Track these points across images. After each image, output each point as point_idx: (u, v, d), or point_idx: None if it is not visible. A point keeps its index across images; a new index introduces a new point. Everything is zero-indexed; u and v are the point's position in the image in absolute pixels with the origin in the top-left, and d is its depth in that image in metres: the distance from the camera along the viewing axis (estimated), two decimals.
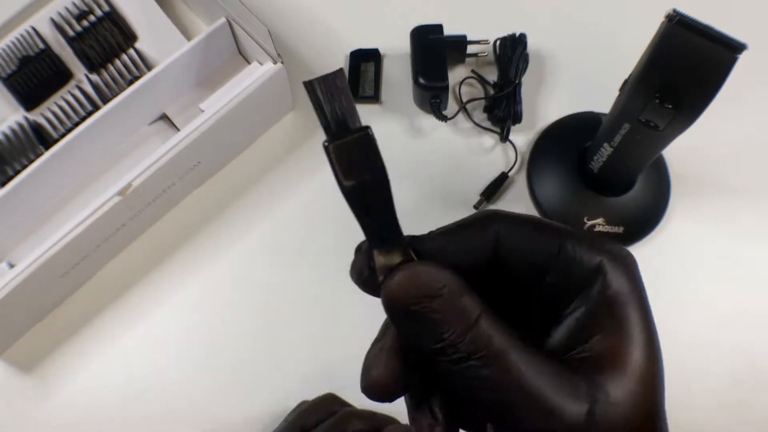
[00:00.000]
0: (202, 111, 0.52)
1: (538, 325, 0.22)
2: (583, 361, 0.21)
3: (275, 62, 0.53)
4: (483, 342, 0.20)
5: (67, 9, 0.59)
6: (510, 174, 0.57)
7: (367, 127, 0.22)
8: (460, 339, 0.20)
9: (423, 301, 0.20)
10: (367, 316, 0.26)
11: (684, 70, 0.39)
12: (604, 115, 0.49)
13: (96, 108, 0.57)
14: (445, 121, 0.58)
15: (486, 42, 0.60)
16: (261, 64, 0.54)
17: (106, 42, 0.59)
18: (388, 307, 0.21)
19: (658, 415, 0.22)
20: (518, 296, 0.23)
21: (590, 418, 0.20)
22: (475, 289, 0.21)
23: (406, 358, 0.22)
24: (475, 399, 0.20)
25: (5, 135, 0.57)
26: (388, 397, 0.22)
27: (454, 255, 0.22)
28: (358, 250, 0.23)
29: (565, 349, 0.22)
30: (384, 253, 0.22)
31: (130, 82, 0.57)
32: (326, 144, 0.22)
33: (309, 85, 0.22)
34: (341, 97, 0.22)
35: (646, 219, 0.55)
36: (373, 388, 0.22)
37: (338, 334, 0.53)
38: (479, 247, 0.22)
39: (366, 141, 0.22)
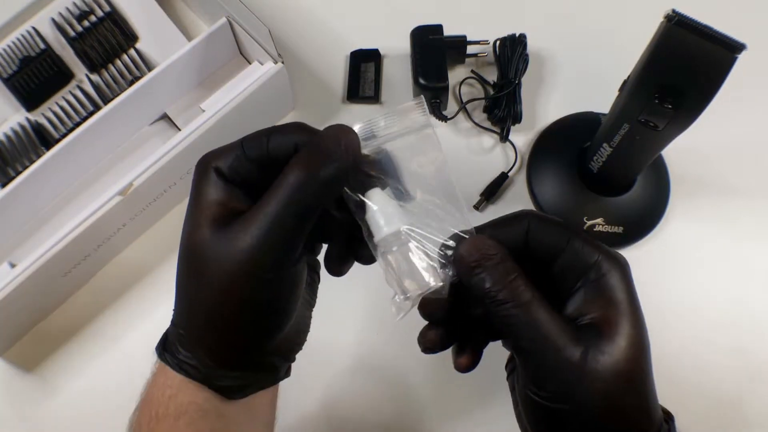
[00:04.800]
0: (203, 111, 0.52)
1: (552, 297, 0.30)
2: (583, 326, 0.29)
3: (276, 62, 0.53)
4: (516, 293, 0.28)
5: (68, 9, 0.60)
6: (510, 174, 0.57)
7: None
8: (501, 288, 0.29)
9: (481, 259, 0.29)
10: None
11: (683, 70, 0.39)
12: (604, 115, 0.49)
13: (97, 108, 0.57)
14: (445, 121, 0.58)
15: (486, 42, 0.60)
16: (261, 64, 0.54)
17: (107, 42, 0.59)
18: (457, 263, 0.30)
19: (646, 373, 0.29)
20: (539, 274, 0.30)
21: (583, 357, 0.27)
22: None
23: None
24: (505, 331, 0.30)
25: (7, 136, 0.57)
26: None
27: (500, 238, 0.30)
28: None
29: (571, 318, 0.30)
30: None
31: (131, 83, 0.58)
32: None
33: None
34: None
35: (645, 219, 0.55)
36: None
37: (338, 333, 0.53)
38: (516, 234, 0.31)
39: None
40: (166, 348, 0.32)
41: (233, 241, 0.28)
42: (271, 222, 0.27)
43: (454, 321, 0.32)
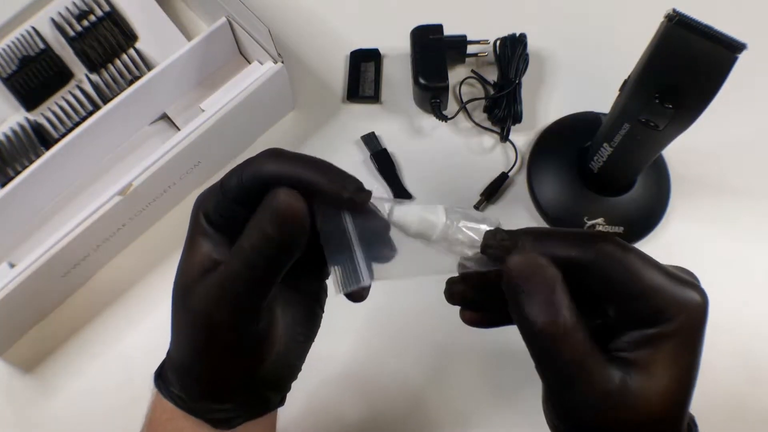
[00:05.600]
0: (203, 111, 0.52)
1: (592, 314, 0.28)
2: (621, 360, 0.27)
3: (276, 62, 0.53)
4: (557, 324, 0.26)
5: (67, 9, 0.59)
6: (510, 174, 0.57)
7: None
8: (543, 318, 0.26)
9: (530, 279, 0.27)
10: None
11: (684, 70, 0.39)
12: (604, 115, 0.49)
13: (96, 108, 0.57)
14: (445, 121, 0.58)
15: (486, 42, 0.60)
16: (261, 63, 0.54)
17: (106, 42, 0.59)
18: (504, 275, 0.28)
19: (680, 419, 0.27)
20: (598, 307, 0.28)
21: (622, 384, 0.26)
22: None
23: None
24: (538, 359, 0.28)
25: (6, 135, 0.57)
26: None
27: (558, 253, 0.28)
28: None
29: (611, 351, 0.28)
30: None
31: (131, 82, 0.58)
32: None
33: None
34: None
35: (646, 219, 0.55)
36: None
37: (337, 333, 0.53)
38: (578, 258, 0.28)
39: None
40: (161, 374, 0.33)
41: (203, 295, 0.29)
42: (226, 288, 0.28)
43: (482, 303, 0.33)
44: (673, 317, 0.27)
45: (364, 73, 0.61)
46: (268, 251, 0.27)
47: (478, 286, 0.32)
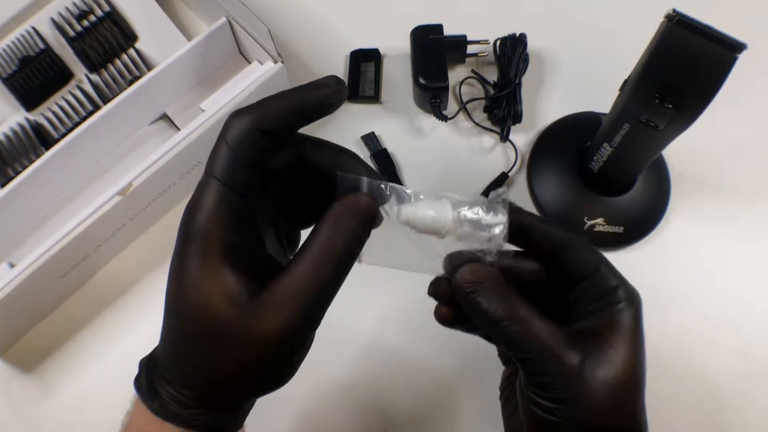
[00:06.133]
0: (203, 111, 0.52)
1: (561, 312, 0.32)
2: (583, 338, 0.30)
3: (276, 62, 0.53)
4: (512, 310, 0.30)
5: (67, 9, 0.59)
6: (510, 174, 0.57)
7: None
8: (497, 308, 0.30)
9: (478, 283, 0.31)
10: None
11: (684, 70, 0.39)
12: (604, 115, 0.49)
13: (96, 108, 0.57)
14: (445, 121, 0.58)
15: (486, 42, 0.60)
16: (261, 63, 0.54)
17: (106, 42, 0.59)
18: (455, 287, 0.32)
19: (638, 388, 0.30)
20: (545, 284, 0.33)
21: (581, 363, 0.29)
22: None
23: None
24: (508, 346, 0.31)
25: (6, 135, 0.57)
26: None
27: (543, 240, 0.33)
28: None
29: (576, 332, 0.31)
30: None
31: (131, 82, 0.58)
32: None
33: None
34: None
35: (646, 219, 0.55)
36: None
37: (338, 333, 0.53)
38: (556, 242, 0.32)
39: None
40: (145, 384, 0.30)
41: (263, 321, 0.27)
42: (307, 303, 0.27)
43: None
44: (623, 299, 0.31)
45: (364, 73, 0.61)
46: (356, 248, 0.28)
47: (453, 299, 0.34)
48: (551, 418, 0.30)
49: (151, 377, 0.30)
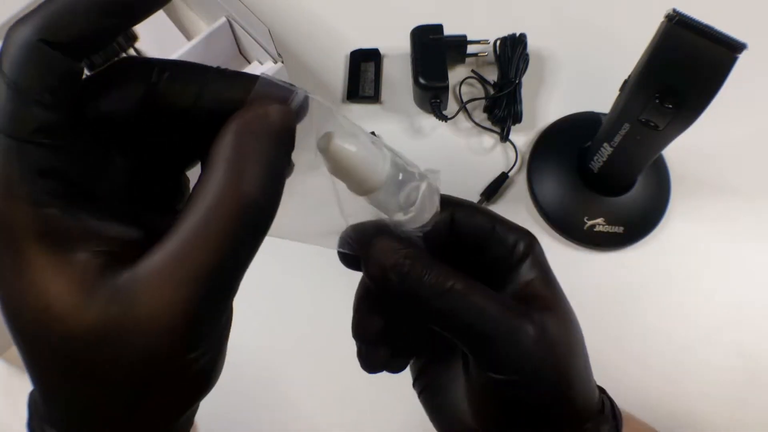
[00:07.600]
0: None
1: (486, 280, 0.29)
2: (526, 303, 0.28)
3: (276, 62, 0.53)
4: (449, 281, 0.26)
5: None
6: (510, 174, 0.57)
7: None
8: (435, 281, 0.26)
9: (400, 259, 0.26)
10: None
11: (684, 70, 0.39)
12: (604, 115, 0.49)
13: None
14: (445, 121, 0.58)
15: (486, 42, 0.60)
16: (261, 63, 0.54)
17: None
18: (372, 269, 0.27)
19: (582, 341, 0.28)
20: (471, 260, 0.29)
21: (538, 332, 0.26)
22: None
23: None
24: (452, 326, 0.26)
25: None
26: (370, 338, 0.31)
27: (433, 228, 0.28)
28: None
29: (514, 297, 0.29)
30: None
31: None
32: None
33: None
34: None
35: (646, 219, 0.55)
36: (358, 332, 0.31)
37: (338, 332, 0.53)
38: (441, 223, 0.29)
39: None
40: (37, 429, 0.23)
41: (135, 318, 0.18)
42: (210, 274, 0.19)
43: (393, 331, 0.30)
44: (528, 243, 0.29)
45: (364, 73, 0.61)
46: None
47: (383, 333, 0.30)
48: (512, 393, 0.26)
49: (35, 422, 0.23)
